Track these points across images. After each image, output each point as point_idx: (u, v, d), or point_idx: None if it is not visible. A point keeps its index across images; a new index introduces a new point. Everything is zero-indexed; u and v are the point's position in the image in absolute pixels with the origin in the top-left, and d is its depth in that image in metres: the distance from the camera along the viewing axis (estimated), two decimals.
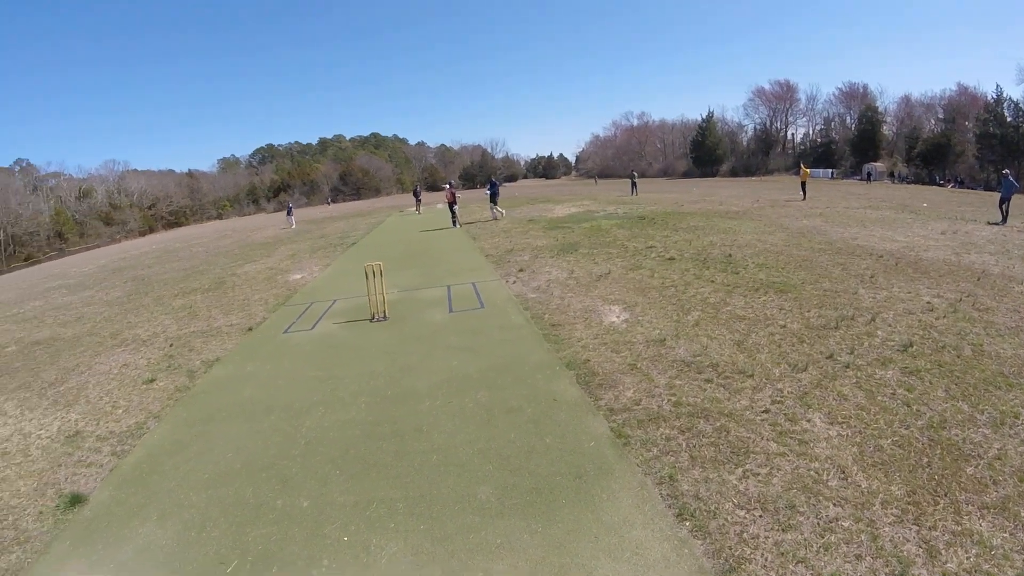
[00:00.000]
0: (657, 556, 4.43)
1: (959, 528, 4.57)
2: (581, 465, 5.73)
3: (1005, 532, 4.52)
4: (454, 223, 28.82)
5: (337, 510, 5.48)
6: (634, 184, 47.09)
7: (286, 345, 10.95)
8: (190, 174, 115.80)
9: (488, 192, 32.01)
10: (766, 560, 4.32)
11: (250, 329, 12.48)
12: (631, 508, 5.01)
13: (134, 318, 15.83)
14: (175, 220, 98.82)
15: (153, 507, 6.02)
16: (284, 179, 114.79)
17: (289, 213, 45.62)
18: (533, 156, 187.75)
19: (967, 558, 4.25)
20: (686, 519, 4.82)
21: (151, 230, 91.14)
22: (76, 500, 6.41)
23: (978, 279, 12.01)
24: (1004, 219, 21.42)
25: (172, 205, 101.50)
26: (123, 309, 17.70)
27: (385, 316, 11.97)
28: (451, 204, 30.63)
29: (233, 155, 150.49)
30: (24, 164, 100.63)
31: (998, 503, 4.86)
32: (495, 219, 30.03)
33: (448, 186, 34.56)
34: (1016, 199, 22.20)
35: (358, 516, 5.33)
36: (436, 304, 12.77)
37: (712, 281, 12.35)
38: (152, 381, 9.94)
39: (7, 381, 11.50)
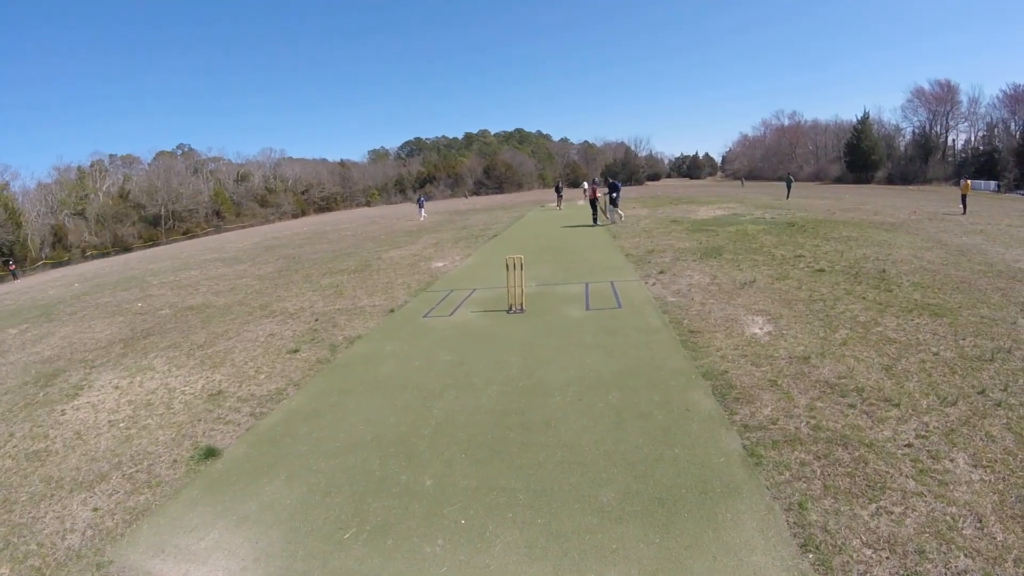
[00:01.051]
0: None
1: None
2: (708, 480, 5.58)
3: None
4: (595, 220, 28.75)
5: (458, 492, 5.61)
6: (789, 187, 45.74)
7: (424, 328, 11.32)
8: (342, 163, 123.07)
9: (609, 194, 29.43)
10: None
11: (391, 311, 12.97)
12: (754, 531, 4.84)
13: (283, 292, 16.82)
14: (326, 205, 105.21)
15: (282, 468, 6.40)
16: (430, 171, 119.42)
17: (421, 206, 46.29)
18: (677, 155, 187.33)
19: None
20: (810, 551, 4.60)
21: (303, 213, 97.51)
22: (210, 453, 6.92)
23: None
24: None
25: (324, 191, 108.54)
26: (273, 284, 18.84)
27: (522, 308, 12.11)
28: (592, 201, 30.59)
29: (383, 147, 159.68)
30: (186, 149, 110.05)
31: None
32: (613, 223, 28.22)
33: (591, 183, 34.64)
34: None
35: (478, 501, 5.44)
36: (573, 300, 12.77)
37: (863, 297, 11.66)
38: (296, 351, 10.53)
39: (158, 340, 12.48)
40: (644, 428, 6.64)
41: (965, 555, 4.58)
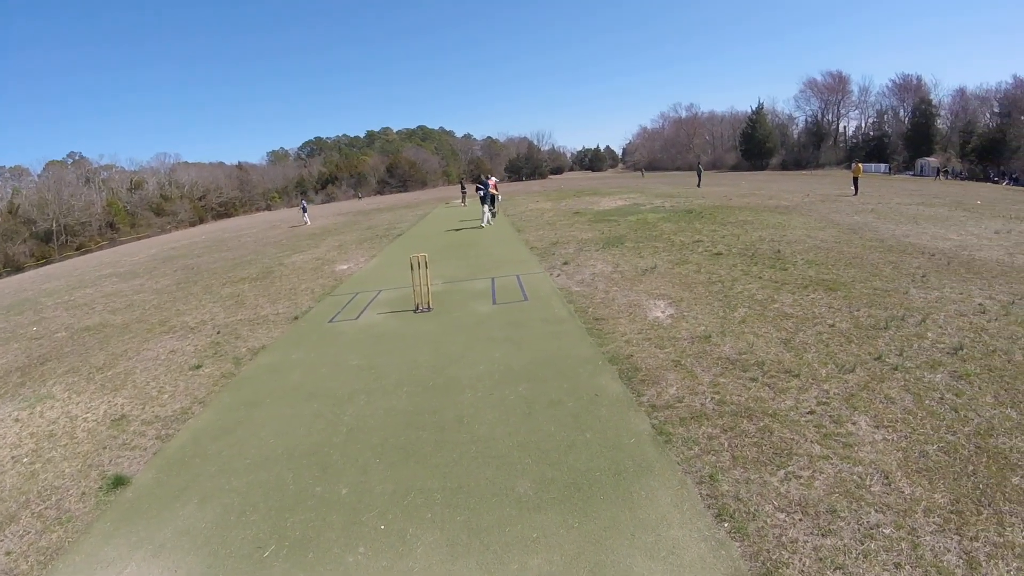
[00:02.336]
0: (693, 556, 4.39)
1: (1001, 540, 4.43)
2: (621, 461, 5.69)
3: None
4: (490, 216, 28.85)
5: (375, 498, 5.53)
6: (700, 175, 47.76)
7: (331, 334, 11.10)
8: (240, 166, 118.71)
9: (479, 193, 28.34)
10: (804, 565, 4.25)
11: (296, 318, 12.68)
12: (669, 507, 4.96)
13: (183, 306, 16.20)
14: (225, 211, 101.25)
15: (195, 490, 6.16)
16: (332, 171, 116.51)
17: (304, 210, 44.78)
18: (580, 148, 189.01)
19: (1007, 571, 4.12)
20: (725, 520, 4.76)
21: (201, 221, 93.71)
22: (119, 482, 6.58)
23: None
24: None
25: (222, 196, 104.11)
26: (172, 297, 18.12)
27: (429, 307, 12.05)
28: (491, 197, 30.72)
29: (282, 148, 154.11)
30: (77, 157, 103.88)
31: None
32: (481, 226, 26.46)
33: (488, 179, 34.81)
34: None
35: (396, 505, 5.37)
36: (480, 296, 12.81)
37: (760, 277, 12.12)
38: (199, 367, 10.15)
39: (56, 365, 11.83)
40: (555, 416, 6.72)
41: (876, 510, 4.82)
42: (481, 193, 27.81)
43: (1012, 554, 4.28)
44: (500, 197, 31.00)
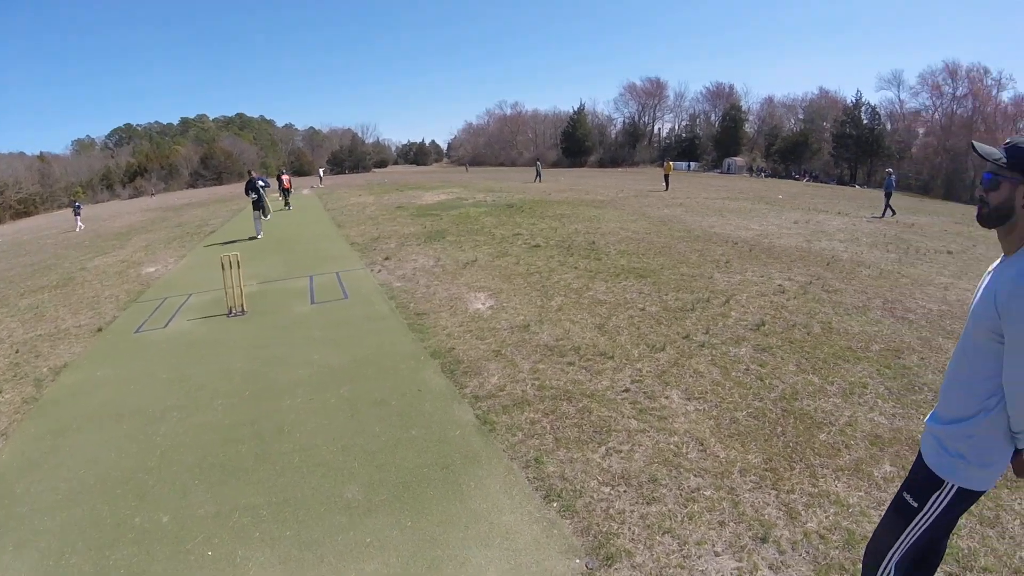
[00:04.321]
0: (527, 539, 4.45)
1: (816, 490, 4.86)
2: (448, 455, 5.69)
3: (860, 491, 4.84)
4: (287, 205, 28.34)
5: (199, 523, 5.16)
6: (538, 172, 48.71)
7: (138, 345, 10.31)
8: (41, 157, 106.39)
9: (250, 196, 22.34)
10: (634, 533, 4.42)
11: (100, 329, 11.71)
12: (499, 494, 5.01)
13: None
14: (24, 209, 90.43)
15: (7, 536, 5.45)
16: (142, 162, 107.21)
17: (76, 212, 39.47)
18: (405, 142, 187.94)
19: (826, 517, 4.51)
20: (553, 500, 4.87)
21: None
22: None
23: (828, 264, 12.96)
24: (884, 214, 24.55)
25: (21, 192, 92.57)
26: None
27: (243, 310, 11.48)
28: (287, 191, 32.41)
29: (89, 136, 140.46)
30: None
31: (851, 465, 5.22)
32: (257, 236, 21.77)
33: (282, 173, 35.95)
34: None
35: (221, 527, 5.04)
36: (298, 296, 12.42)
37: (575, 267, 12.65)
38: None
39: None
40: (380, 416, 6.61)
41: (695, 475, 5.12)
42: (254, 196, 22.15)
43: (828, 501, 4.70)
44: (293, 191, 32.05)
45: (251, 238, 21.68)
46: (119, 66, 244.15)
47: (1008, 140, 2.58)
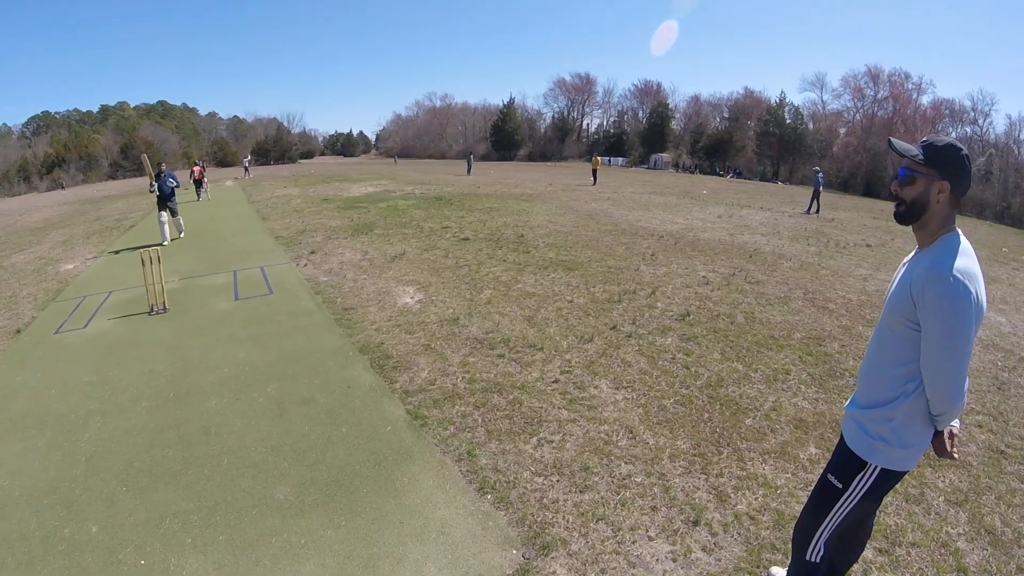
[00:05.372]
0: (463, 532, 4.47)
1: (744, 473, 5.04)
2: (380, 451, 5.65)
3: (787, 473, 5.05)
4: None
5: (129, 531, 4.99)
6: (470, 165, 49.37)
7: (58, 347, 9.87)
8: None
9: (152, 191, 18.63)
10: (568, 522, 4.49)
11: (18, 331, 11.19)
12: (433, 488, 5.01)
13: None
14: None
15: None
16: (59, 152, 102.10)
17: None
18: (332, 132, 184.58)
19: (755, 499, 4.68)
20: (487, 492, 4.91)
21: None
22: None
23: (750, 256, 13.38)
24: (808, 210, 25.96)
25: None
26: None
27: (165, 308, 11.10)
28: (198, 182, 32.31)
29: (5, 124, 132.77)
30: None
31: (777, 448, 5.43)
32: (163, 242, 18.50)
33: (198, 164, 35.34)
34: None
35: (152, 535, 4.89)
36: (221, 292, 12.08)
37: (504, 260, 12.69)
38: None
39: None
40: (308, 414, 6.51)
41: (626, 462, 5.24)
42: (154, 191, 18.58)
43: (756, 483, 4.87)
44: (207, 183, 32.13)
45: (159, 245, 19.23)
46: (37, 47, 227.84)
47: (924, 138, 2.74)
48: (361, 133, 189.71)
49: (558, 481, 5.01)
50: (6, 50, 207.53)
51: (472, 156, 54.82)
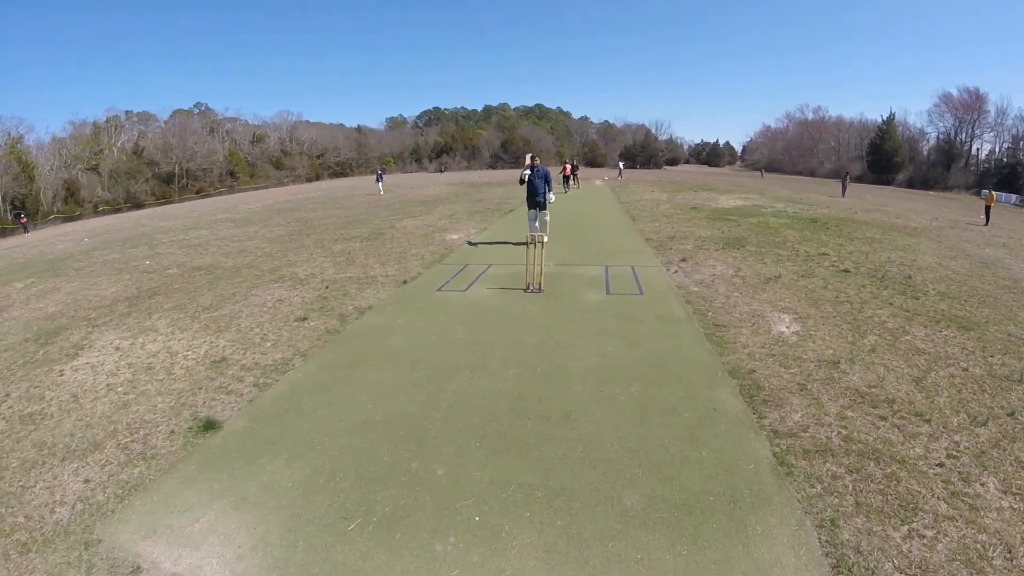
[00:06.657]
0: None
1: None
2: (737, 488, 5.22)
3: None
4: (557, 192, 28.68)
5: (472, 485, 5.25)
6: (845, 186, 45.58)
7: (438, 303, 10.98)
8: (358, 129, 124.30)
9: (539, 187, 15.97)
10: None
11: (405, 282, 12.66)
12: (785, 548, 4.50)
13: (294, 257, 16.54)
14: (341, 171, 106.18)
15: (285, 446, 6.04)
16: (447, 141, 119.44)
17: (379, 179, 45.91)
18: (698, 141, 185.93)
19: None
20: (842, 573, 4.30)
21: (317, 178, 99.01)
22: (210, 425, 6.55)
23: None
24: None
25: (339, 156, 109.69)
26: (284, 247, 18.56)
27: (540, 288, 11.70)
28: (565, 177, 35.89)
29: (401, 115, 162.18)
30: (203, 108, 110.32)
31: None
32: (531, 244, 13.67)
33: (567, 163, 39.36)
34: None
35: (493, 496, 5.08)
36: (593, 284, 12.36)
37: (890, 303, 11.25)
38: (304, 319, 10.22)
39: (163, 300, 12.20)
40: (669, 426, 6.26)
41: None
42: (533, 175, 15.99)
43: None
44: (573, 181, 36.51)
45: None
46: (429, 58, 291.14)
47: None
48: (727, 143, 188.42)
49: None
50: (404, 58, 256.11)
51: (848, 176, 50.95)
